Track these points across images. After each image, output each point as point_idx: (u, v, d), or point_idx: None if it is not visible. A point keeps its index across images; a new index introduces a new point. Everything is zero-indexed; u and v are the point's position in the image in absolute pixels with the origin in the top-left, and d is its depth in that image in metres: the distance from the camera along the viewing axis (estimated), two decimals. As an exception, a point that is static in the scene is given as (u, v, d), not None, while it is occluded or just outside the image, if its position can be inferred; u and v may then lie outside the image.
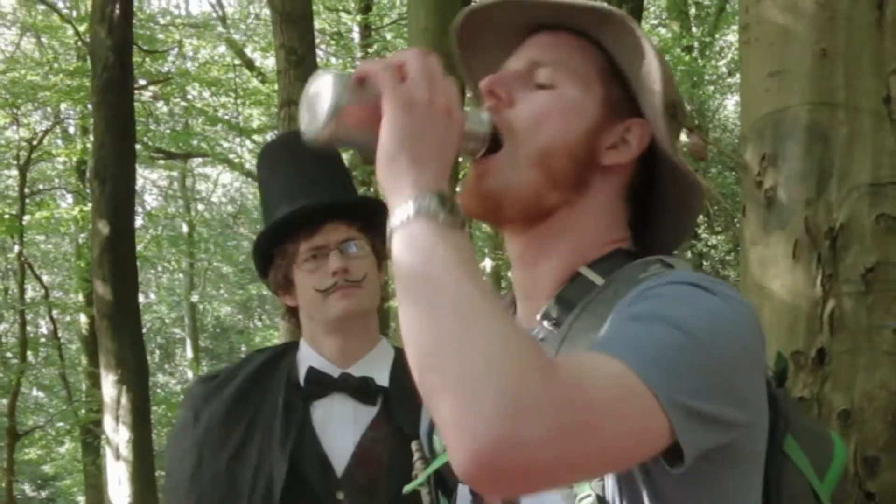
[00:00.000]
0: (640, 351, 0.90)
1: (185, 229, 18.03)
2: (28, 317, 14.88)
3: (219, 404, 1.92)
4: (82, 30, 11.03)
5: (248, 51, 14.85)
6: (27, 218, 12.99)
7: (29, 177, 13.65)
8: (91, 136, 9.02)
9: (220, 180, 20.59)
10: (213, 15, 15.90)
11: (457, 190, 1.16)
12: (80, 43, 12.09)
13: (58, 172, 15.48)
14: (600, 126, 1.13)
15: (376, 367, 1.94)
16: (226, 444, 1.87)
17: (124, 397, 7.59)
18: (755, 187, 2.13)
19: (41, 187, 15.09)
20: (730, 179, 13.02)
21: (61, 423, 15.53)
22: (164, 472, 2.14)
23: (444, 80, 0.99)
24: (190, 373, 19.83)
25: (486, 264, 13.03)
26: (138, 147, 10.22)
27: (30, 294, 15.35)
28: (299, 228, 1.90)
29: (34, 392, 17.70)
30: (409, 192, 0.93)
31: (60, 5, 13.34)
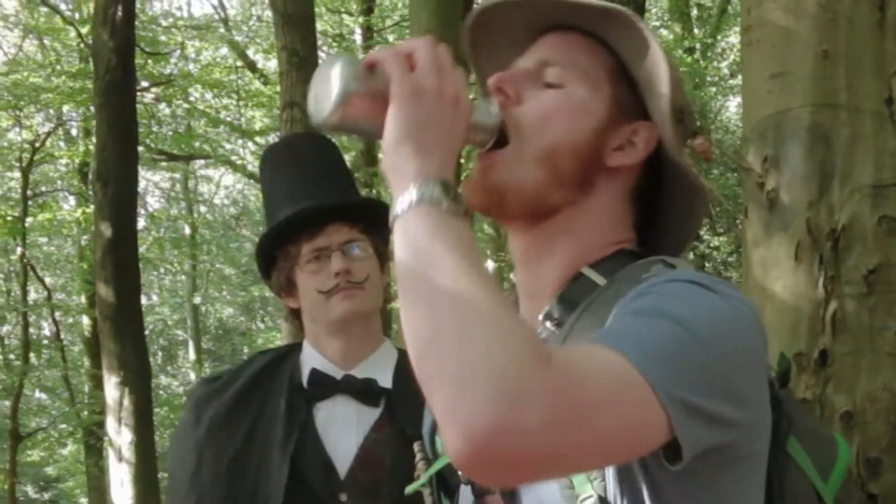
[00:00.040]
0: (640, 345, 0.90)
1: (187, 231, 18.03)
2: (31, 319, 14.90)
3: (220, 406, 1.92)
4: (85, 32, 11.03)
5: (250, 53, 14.85)
6: (30, 220, 12.99)
7: (31, 179, 13.67)
8: (93, 138, 9.02)
9: (223, 182, 20.61)
10: (216, 17, 15.92)
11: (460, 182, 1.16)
12: (82, 45, 12.08)
13: (60, 174, 15.49)
14: (607, 127, 1.13)
15: (379, 368, 1.94)
16: (227, 446, 1.87)
17: (127, 399, 7.59)
18: (757, 189, 2.13)
19: (44, 189, 15.11)
20: (732, 181, 12.99)
21: (64, 425, 15.54)
22: (166, 473, 2.14)
23: (453, 70, 1.00)
24: (192, 375, 19.83)
25: (489, 266, 13.03)
26: (141, 149, 10.20)
27: (32, 296, 15.34)
28: (301, 230, 1.90)
29: (37, 394, 17.70)
30: (413, 180, 0.93)
31: (63, 7, 13.35)
